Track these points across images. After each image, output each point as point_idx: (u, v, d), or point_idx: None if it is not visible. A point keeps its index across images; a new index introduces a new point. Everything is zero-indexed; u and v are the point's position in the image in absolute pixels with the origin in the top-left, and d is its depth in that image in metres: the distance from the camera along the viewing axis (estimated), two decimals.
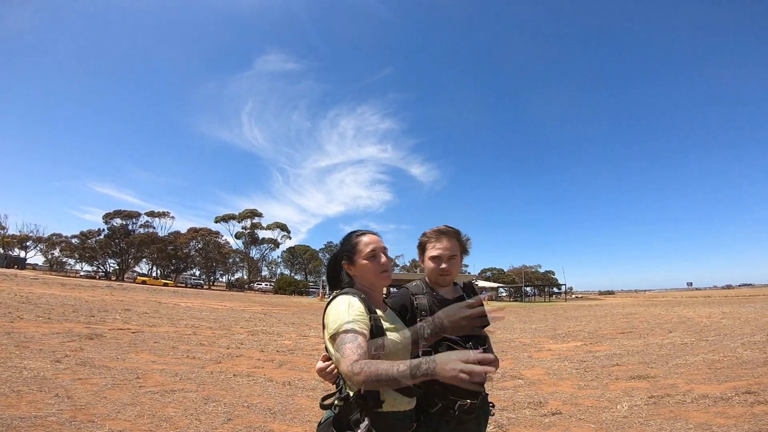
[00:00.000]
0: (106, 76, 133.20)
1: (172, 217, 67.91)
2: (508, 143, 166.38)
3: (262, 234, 70.03)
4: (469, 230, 1.93)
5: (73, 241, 63.93)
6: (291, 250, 75.56)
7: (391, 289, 4.71)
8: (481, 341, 1.79)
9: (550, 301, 57.29)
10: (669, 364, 6.78)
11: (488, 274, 78.94)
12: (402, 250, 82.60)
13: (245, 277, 70.43)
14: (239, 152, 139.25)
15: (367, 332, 1.34)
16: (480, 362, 1.10)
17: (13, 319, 8.82)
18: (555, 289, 75.63)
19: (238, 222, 69.10)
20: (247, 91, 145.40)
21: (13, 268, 51.38)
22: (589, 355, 7.92)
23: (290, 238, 72.81)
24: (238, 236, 68.98)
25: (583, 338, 10.76)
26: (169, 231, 67.11)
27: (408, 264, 76.09)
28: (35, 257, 71.87)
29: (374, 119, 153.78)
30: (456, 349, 1.69)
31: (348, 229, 1.67)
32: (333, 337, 1.33)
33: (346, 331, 1.31)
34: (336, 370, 1.48)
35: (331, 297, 1.52)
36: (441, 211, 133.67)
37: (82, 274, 60.35)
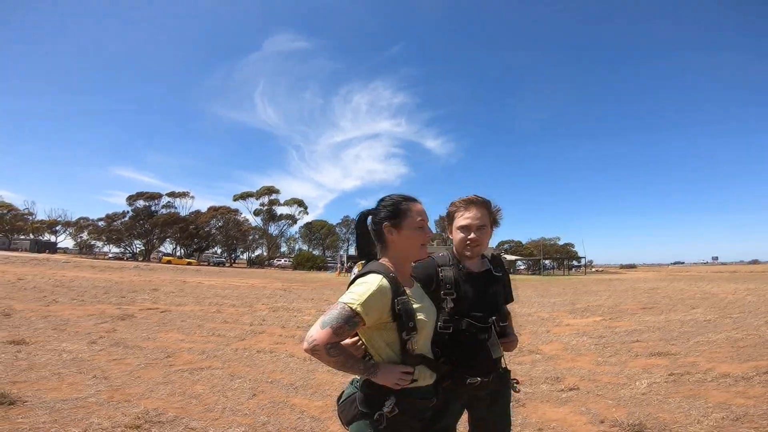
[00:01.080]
0: (123, 66, 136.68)
1: (192, 197, 69.31)
2: (525, 113, 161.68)
3: (279, 210, 70.98)
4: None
5: (100, 224, 66.27)
6: (308, 226, 76.37)
7: None
8: (502, 318, 1.77)
9: (568, 275, 56.85)
10: (690, 341, 6.70)
11: (506, 246, 78.50)
12: None
13: (265, 253, 71.89)
14: (254, 131, 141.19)
15: (365, 321, 1.36)
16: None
17: (49, 303, 9.30)
18: (574, 263, 74.84)
19: (256, 199, 70.01)
20: (258, 72, 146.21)
21: (44, 252, 53.87)
22: (609, 331, 7.89)
23: (307, 214, 73.57)
24: (256, 213, 70.10)
25: (602, 313, 10.70)
26: (190, 210, 68.71)
27: None
28: (65, 241, 74.77)
29: (387, 94, 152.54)
30: (477, 325, 1.68)
31: (365, 204, 1.57)
32: (344, 300, 1.37)
33: (352, 308, 1.33)
34: (364, 346, 1.48)
35: (362, 271, 1.49)
36: (457, 183, 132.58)
37: (110, 256, 62.81)
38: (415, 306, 1.44)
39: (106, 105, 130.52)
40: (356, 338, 1.50)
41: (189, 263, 52.35)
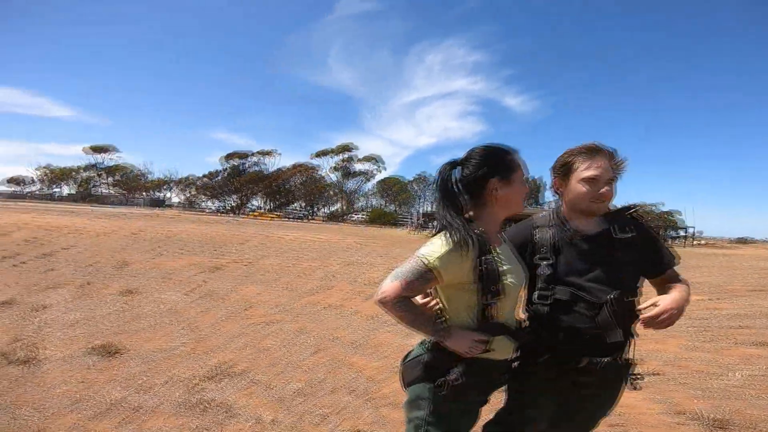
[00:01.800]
0: (217, 32, 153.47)
1: (276, 155, 74.58)
2: (625, 67, 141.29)
3: (356, 167, 73.45)
4: None
5: (198, 182, 74.75)
6: (383, 182, 77.60)
7: None
8: (629, 293, 1.41)
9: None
10: None
11: None
12: None
13: (341, 209, 75.18)
14: (330, 92, 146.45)
15: (440, 278, 1.26)
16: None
17: (156, 255, 10.57)
18: (673, 233, 66.23)
19: (333, 156, 73.11)
20: (331, 35, 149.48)
21: (156, 208, 62.48)
22: (709, 313, 6.94)
23: (380, 171, 74.94)
24: (334, 169, 73.28)
25: (705, 292, 9.40)
26: (276, 168, 73.97)
27: None
28: (173, 197, 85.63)
29: (461, 52, 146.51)
30: (586, 298, 1.40)
31: (439, 161, 1.39)
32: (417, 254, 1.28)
33: (426, 263, 1.25)
34: (438, 307, 1.39)
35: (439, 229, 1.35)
36: (540, 140, 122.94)
37: (208, 211, 70.68)
38: (503, 268, 1.29)
39: (207, 72, 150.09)
40: (430, 298, 1.40)
41: (272, 218, 56.65)
